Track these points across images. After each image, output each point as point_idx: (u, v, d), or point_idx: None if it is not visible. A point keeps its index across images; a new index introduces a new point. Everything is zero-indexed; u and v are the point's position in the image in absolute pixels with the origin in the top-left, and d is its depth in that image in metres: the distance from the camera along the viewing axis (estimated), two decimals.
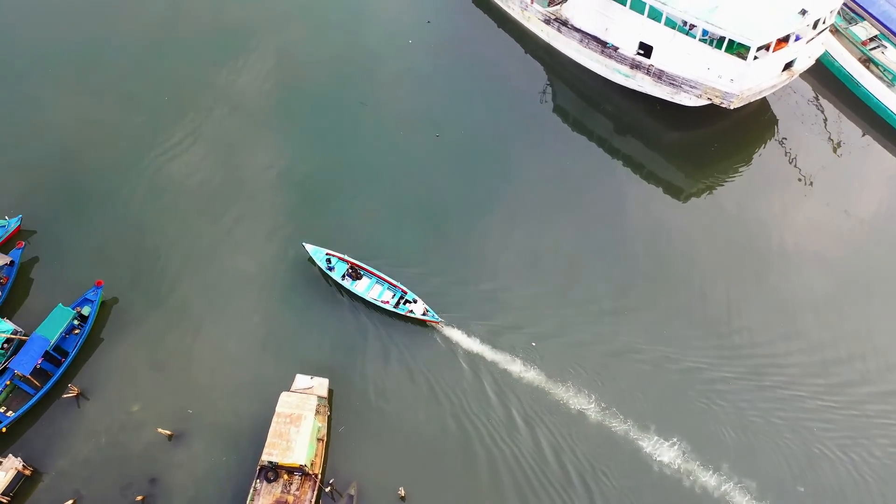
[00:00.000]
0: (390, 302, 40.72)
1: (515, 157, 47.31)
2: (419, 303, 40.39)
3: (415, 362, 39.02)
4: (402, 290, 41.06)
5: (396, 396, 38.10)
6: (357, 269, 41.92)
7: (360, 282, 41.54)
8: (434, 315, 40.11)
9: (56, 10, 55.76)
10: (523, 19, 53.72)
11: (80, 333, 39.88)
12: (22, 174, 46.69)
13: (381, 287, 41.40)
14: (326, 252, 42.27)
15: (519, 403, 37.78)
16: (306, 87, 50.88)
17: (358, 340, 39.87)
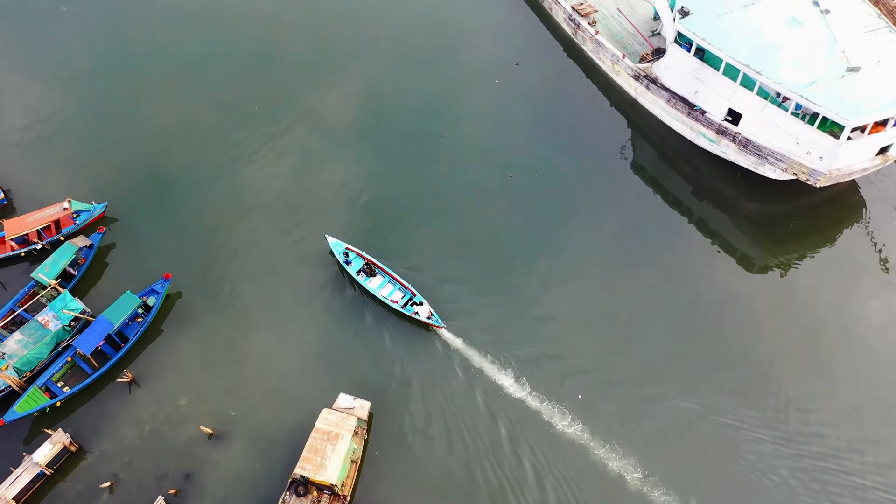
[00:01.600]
0: (399, 302, 41.77)
1: (586, 207, 46.95)
2: (425, 305, 41.40)
3: (458, 413, 38.61)
4: (412, 291, 42.21)
5: (436, 434, 37.84)
6: (372, 266, 43.18)
7: (374, 279, 42.88)
8: (438, 320, 40.88)
9: (169, 18, 58.93)
10: (612, 73, 53.68)
11: (143, 322, 41.28)
12: (115, 164, 49.17)
13: (392, 286, 42.67)
14: (346, 246, 43.80)
15: (536, 457, 36.98)
16: (389, 114, 52.00)
17: (411, 374, 39.82)
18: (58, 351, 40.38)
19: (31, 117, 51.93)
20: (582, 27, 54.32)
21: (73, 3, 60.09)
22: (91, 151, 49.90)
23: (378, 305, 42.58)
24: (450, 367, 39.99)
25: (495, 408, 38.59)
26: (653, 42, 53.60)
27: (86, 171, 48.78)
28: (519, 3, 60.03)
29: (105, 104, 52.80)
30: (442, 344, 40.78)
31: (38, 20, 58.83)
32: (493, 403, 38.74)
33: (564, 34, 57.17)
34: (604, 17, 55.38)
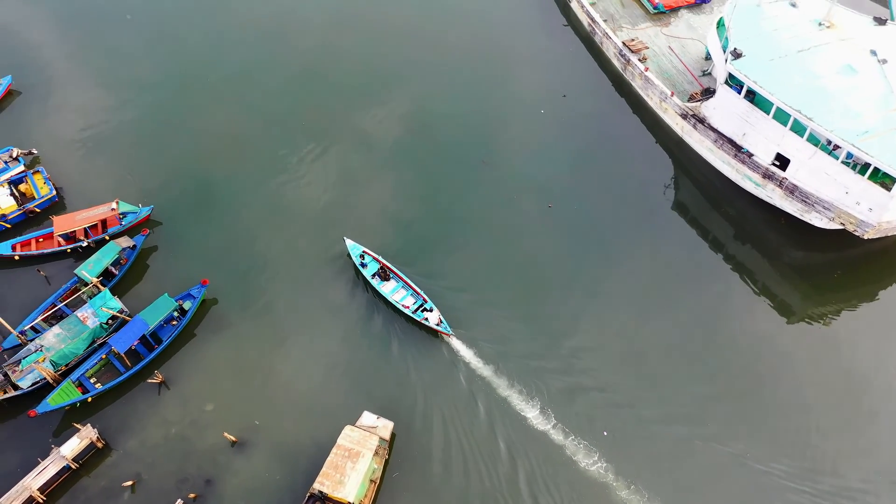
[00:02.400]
0: (410, 307, 42.35)
1: (625, 242, 46.51)
2: (435, 312, 41.93)
3: (479, 445, 38.21)
4: (424, 298, 42.79)
5: (456, 463, 37.47)
6: (387, 270, 43.87)
7: (388, 283, 43.68)
8: (447, 327, 41.20)
9: (227, 31, 60.66)
10: (660, 110, 53.39)
11: (177, 325, 41.96)
12: (164, 169, 50.48)
13: (404, 292, 43.34)
14: (363, 250, 44.69)
15: (554, 496, 36.32)
16: (433, 137, 52.43)
17: (436, 400, 39.58)
18: (93, 347, 41.25)
19: (88, 119, 53.73)
20: (632, 63, 54.25)
21: (137, 12, 62.25)
22: (142, 155, 51.34)
23: (389, 309, 43.05)
24: (474, 395, 39.68)
25: (516, 440, 38.04)
26: (703, 82, 53.23)
27: (136, 175, 50.15)
28: (570, 35, 60.29)
29: (159, 110, 54.37)
30: (469, 371, 40.54)
31: (103, 27, 61.04)
32: (515, 435, 38.20)
33: (614, 69, 57.16)
34: (654, 55, 55.25)
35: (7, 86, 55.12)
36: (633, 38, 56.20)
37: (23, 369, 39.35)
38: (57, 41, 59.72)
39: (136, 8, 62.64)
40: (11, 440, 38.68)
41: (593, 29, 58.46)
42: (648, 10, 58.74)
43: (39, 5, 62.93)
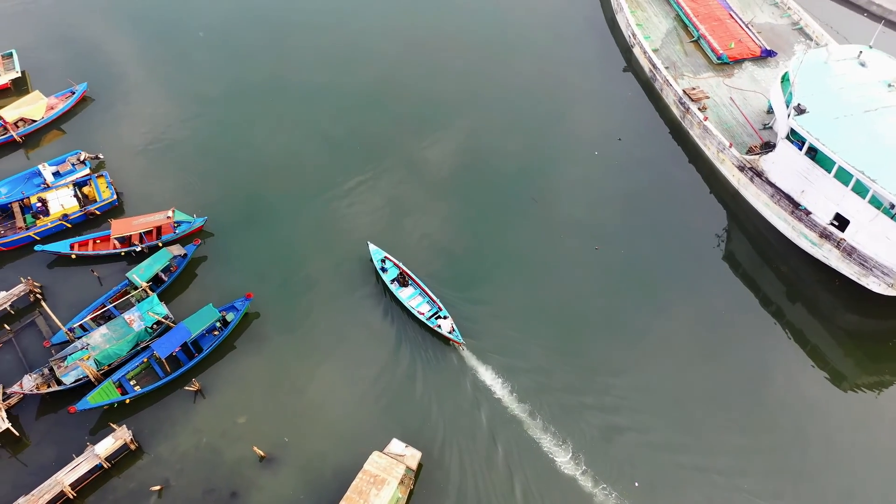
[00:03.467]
0: (425, 314, 43.24)
1: (671, 291, 45.65)
2: (448, 320, 42.71)
3: (507, 495, 37.61)
4: (439, 305, 43.65)
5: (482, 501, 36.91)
6: (406, 277, 44.70)
7: (406, 289, 44.63)
8: (458, 336, 41.84)
9: (294, 53, 62.46)
10: (717, 160, 52.65)
11: (219, 336, 42.61)
12: (221, 182, 51.84)
13: (421, 298, 44.27)
14: (385, 255, 45.76)
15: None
16: (485, 171, 52.67)
17: (469, 438, 39.13)
18: (136, 350, 42.16)
19: (154, 129, 55.69)
20: (691, 111, 53.79)
21: (210, 31, 64.63)
22: (201, 168, 52.86)
23: (405, 315, 43.81)
24: (510, 439, 39.11)
25: (546, 488, 37.22)
26: (763, 135, 52.37)
27: (193, 186, 51.62)
28: (630, 79, 60.23)
29: (222, 126, 56.04)
30: (496, 405, 40.05)
31: (177, 43, 63.53)
32: (544, 483, 37.39)
33: (672, 116, 56.76)
34: (715, 105, 54.70)
35: (82, 92, 57.67)
36: (695, 86, 55.80)
37: (67, 365, 40.40)
38: (132, 53, 62.38)
39: (209, 26, 65.09)
40: (50, 434, 39.60)
41: (654, 75, 58.30)
42: (712, 60, 58.35)
43: (119, 19, 65.93)
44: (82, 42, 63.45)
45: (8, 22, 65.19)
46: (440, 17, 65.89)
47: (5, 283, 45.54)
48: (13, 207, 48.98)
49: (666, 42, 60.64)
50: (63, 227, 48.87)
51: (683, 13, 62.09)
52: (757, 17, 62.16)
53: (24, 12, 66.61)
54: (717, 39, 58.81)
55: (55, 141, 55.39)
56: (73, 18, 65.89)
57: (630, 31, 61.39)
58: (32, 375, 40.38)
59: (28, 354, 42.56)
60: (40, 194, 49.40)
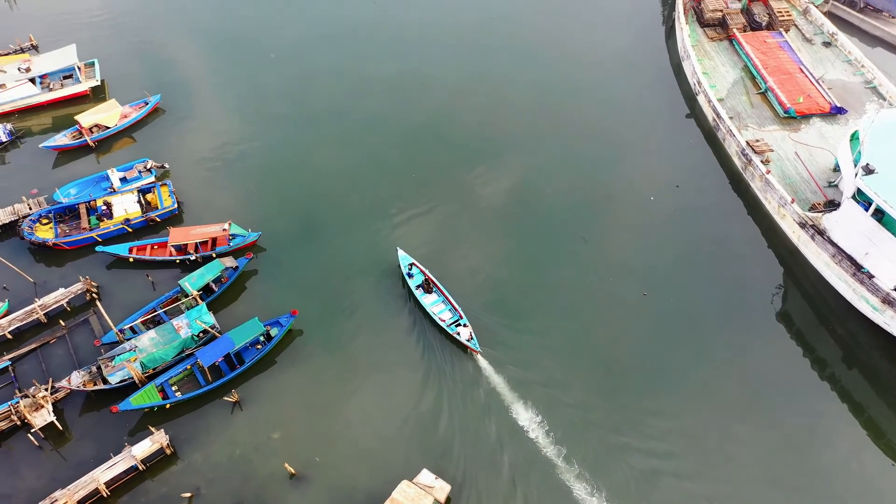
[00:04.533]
0: (446, 321, 44.11)
1: (719, 343, 44.39)
2: (467, 328, 43.56)
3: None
4: (460, 313, 44.56)
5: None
6: (431, 283, 45.80)
7: (430, 296, 45.75)
8: (476, 344, 42.61)
9: (358, 79, 63.85)
10: (777, 215, 51.36)
11: (261, 350, 43.15)
12: (278, 199, 52.96)
13: (444, 306, 45.36)
14: (412, 261, 46.96)
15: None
16: (536, 207, 52.51)
17: (499, 474, 38.58)
18: (181, 356, 42.98)
19: (220, 143, 57.44)
20: (753, 164, 52.75)
21: (281, 53, 66.65)
22: (261, 184, 54.15)
23: (427, 321, 44.90)
24: (538, 480, 38.32)
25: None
26: (827, 193, 50.93)
27: (251, 201, 52.86)
28: (692, 126, 59.53)
29: (284, 146, 57.43)
30: (531, 447, 39.35)
31: (249, 62, 65.67)
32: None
33: (733, 166, 55.76)
34: (778, 158, 53.56)
35: (155, 103, 60.00)
36: (759, 138, 54.79)
37: (115, 365, 41.43)
38: (205, 70, 64.71)
39: (281, 48, 67.13)
40: (91, 431, 40.54)
41: (717, 124, 57.50)
42: (778, 113, 57.29)
43: (197, 37, 68.60)
44: (160, 56, 66.18)
45: (94, 33, 68.50)
46: (503, 53, 66.54)
47: (65, 280, 47.20)
48: (80, 208, 50.95)
49: (732, 92, 59.86)
50: (124, 231, 50.55)
51: (752, 64, 61.31)
52: (828, 72, 60.93)
53: (109, 25, 69.95)
54: (786, 93, 57.79)
55: (125, 148, 57.62)
56: (153, 34, 68.88)
57: (695, 78, 60.86)
58: (81, 372, 41.53)
59: (79, 351, 43.83)
60: (106, 198, 51.29)
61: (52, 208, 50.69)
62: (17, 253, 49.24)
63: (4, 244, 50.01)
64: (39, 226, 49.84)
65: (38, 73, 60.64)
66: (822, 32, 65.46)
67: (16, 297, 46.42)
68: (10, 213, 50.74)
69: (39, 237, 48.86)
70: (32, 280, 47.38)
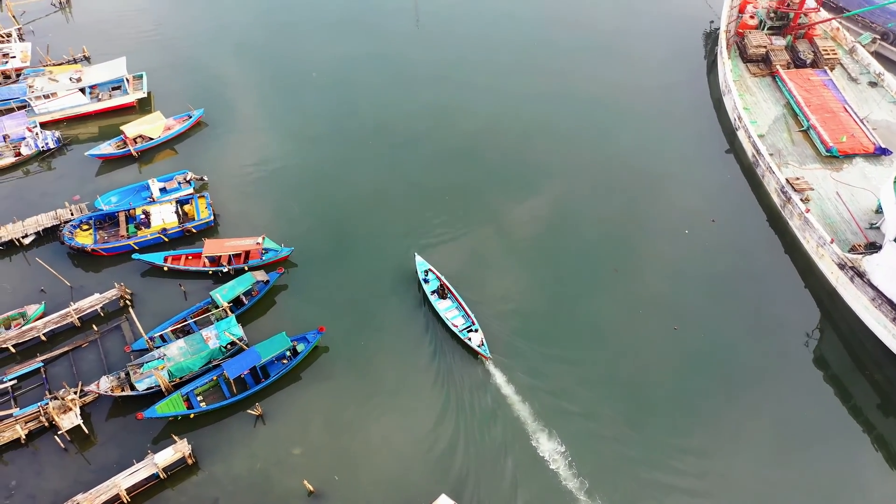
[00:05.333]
0: (459, 326, 44.84)
1: (751, 382, 43.33)
2: (478, 333, 44.23)
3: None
4: (472, 319, 45.25)
5: None
6: (446, 289, 46.61)
7: (444, 301, 46.56)
8: (486, 350, 43.29)
9: (397, 100, 64.60)
10: (815, 255, 50.28)
11: (287, 364, 43.32)
12: (312, 216, 53.55)
13: (457, 311, 46.05)
14: (429, 267, 47.88)
15: None
16: (569, 234, 52.21)
17: (521, 497, 38.07)
18: (208, 367, 43.35)
19: (258, 159, 58.41)
20: (793, 202, 51.84)
21: (323, 73, 67.77)
22: (296, 200, 54.76)
23: (440, 327, 45.57)
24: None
25: None
26: (868, 235, 49.73)
27: (285, 216, 53.49)
28: (731, 162, 58.84)
29: (320, 163, 58.16)
30: (552, 478, 38.69)
31: (291, 81, 66.89)
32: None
33: (771, 203, 54.86)
34: (819, 197, 52.56)
35: (198, 117, 61.35)
36: (799, 176, 53.89)
37: (143, 372, 41.94)
38: (248, 86, 66.08)
39: (323, 69, 68.28)
40: (116, 436, 40.96)
41: (757, 160, 56.74)
42: (820, 151, 56.36)
43: (241, 54, 70.19)
44: (205, 72, 67.78)
45: (144, 47, 70.53)
46: (542, 83, 66.76)
47: (101, 286, 48.08)
48: (119, 216, 52.05)
49: (773, 128, 59.10)
50: (160, 240, 51.45)
51: (794, 101, 60.53)
52: (873, 112, 59.88)
53: (158, 40, 71.98)
54: (828, 132, 56.86)
55: (166, 159, 58.90)
56: (200, 50, 70.65)
57: (736, 113, 60.25)
58: (109, 377, 42.11)
59: (109, 356, 44.51)
60: (145, 207, 52.35)
61: (93, 215, 51.88)
62: (56, 257, 50.42)
63: (45, 248, 51.25)
64: (80, 231, 51.02)
65: (88, 84, 62.48)
66: (869, 72, 64.49)
67: (52, 300, 47.40)
68: (53, 217, 52.04)
69: (79, 242, 49.97)
70: (69, 284, 48.38)
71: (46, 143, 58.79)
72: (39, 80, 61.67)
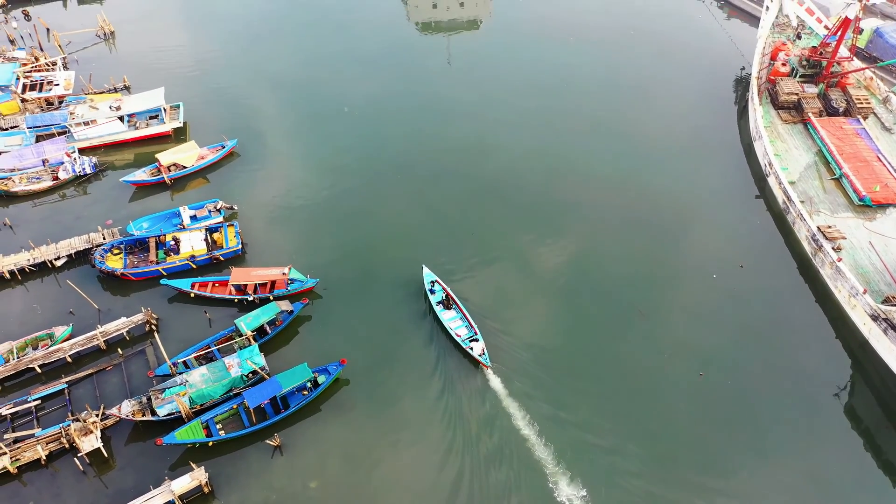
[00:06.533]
0: (462, 336, 45.91)
1: (776, 432, 42.24)
2: (479, 343, 45.48)
3: None
4: (475, 330, 46.50)
5: None
6: (450, 300, 48.04)
7: (448, 312, 47.82)
8: (487, 360, 44.36)
9: (425, 137, 65.27)
10: (847, 305, 49.27)
11: (307, 396, 43.20)
12: (338, 248, 53.93)
13: (461, 322, 47.25)
14: (435, 278, 49.61)
15: None
16: (594, 275, 51.84)
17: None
18: (229, 395, 43.37)
19: (288, 190, 59.19)
20: (824, 250, 51.06)
21: (355, 108, 68.86)
22: (323, 232, 55.29)
23: (444, 337, 46.67)
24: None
25: None
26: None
27: (312, 247, 53.89)
28: (760, 207, 58.30)
29: (350, 195, 58.72)
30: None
31: (323, 115, 68.06)
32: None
33: (802, 251, 54.09)
34: (851, 247, 51.71)
35: (231, 147, 62.54)
36: (831, 225, 53.16)
37: (164, 398, 42.07)
38: (281, 119, 67.36)
39: (355, 104, 69.39)
40: (134, 461, 40.98)
41: (787, 207, 56.15)
42: (853, 200, 55.65)
43: (276, 88, 71.68)
44: (240, 104, 69.27)
45: (182, 79, 72.39)
46: (573, 123, 67.10)
47: (128, 309, 48.64)
48: (150, 242, 52.87)
49: (804, 176, 58.58)
50: (188, 267, 52.06)
51: (826, 149, 60.03)
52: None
53: (196, 75, 73.87)
54: (861, 180, 56.20)
55: (198, 187, 59.95)
56: (236, 84, 72.33)
57: (767, 159, 59.88)
58: (131, 401, 42.32)
59: (132, 380, 44.80)
60: (175, 234, 53.15)
61: (124, 240, 52.76)
62: (86, 279, 51.22)
63: (76, 270, 52.12)
64: (111, 255, 51.85)
65: (126, 112, 64.11)
66: None
67: (80, 322, 48.03)
68: (86, 241, 53.02)
69: (109, 266, 50.75)
70: (97, 307, 49.03)
71: (83, 168, 60.23)
72: (81, 107, 63.45)
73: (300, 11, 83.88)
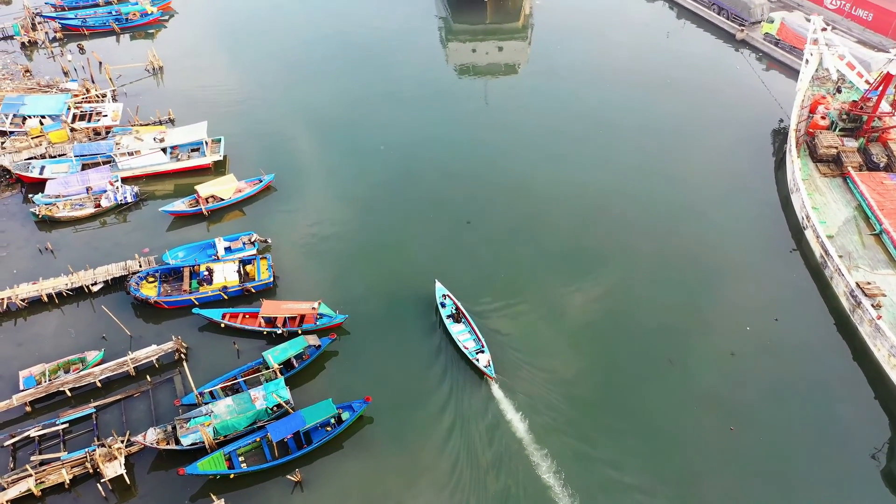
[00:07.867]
0: (469, 348, 47.64)
1: (809, 495, 40.78)
2: (485, 354, 47.30)
3: None
4: (482, 342, 48.25)
5: None
6: (460, 314, 50.13)
7: (458, 325, 49.69)
8: (492, 371, 45.95)
9: (459, 179, 65.75)
10: (887, 364, 47.80)
11: (331, 432, 43.05)
12: (369, 284, 54.13)
13: (469, 335, 48.96)
14: (446, 292, 51.48)
15: None
16: (624, 322, 51.19)
17: None
18: (252, 427, 43.39)
19: (322, 226, 59.88)
20: (863, 307, 49.81)
21: (391, 146, 69.81)
22: (355, 269, 55.61)
23: (452, 348, 48.18)
24: None
25: None
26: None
27: (343, 283, 54.23)
28: (796, 260, 57.28)
29: (383, 233, 59.14)
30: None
31: (359, 153, 69.04)
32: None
33: (839, 306, 52.84)
34: (891, 304, 50.38)
35: (268, 182, 63.70)
36: (870, 281, 51.93)
37: (189, 427, 42.25)
38: (318, 156, 68.48)
39: (392, 142, 70.36)
40: (156, 490, 41.06)
41: (825, 262, 55.07)
42: (893, 256, 54.39)
43: (315, 125, 73.04)
44: (279, 140, 70.67)
45: (225, 114, 74.24)
46: (607, 168, 67.08)
47: (159, 337, 49.31)
48: (184, 271, 53.75)
49: (843, 230, 57.52)
50: (220, 298, 52.72)
51: (867, 204, 58.99)
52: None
53: (239, 111, 75.66)
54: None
55: (234, 220, 61.00)
56: (276, 120, 73.94)
57: (804, 212, 59.01)
58: (156, 429, 42.58)
59: (159, 407, 45.16)
60: (209, 264, 53.99)
61: (159, 268, 53.73)
62: (120, 306, 52.13)
63: (111, 296, 53.11)
64: (145, 283, 52.78)
65: (170, 144, 65.87)
66: None
67: (111, 347, 48.76)
68: (122, 267, 54.12)
69: (143, 294, 51.64)
70: (129, 333, 49.80)
71: (125, 196, 61.79)
72: (126, 138, 65.37)
73: (343, 54, 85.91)
